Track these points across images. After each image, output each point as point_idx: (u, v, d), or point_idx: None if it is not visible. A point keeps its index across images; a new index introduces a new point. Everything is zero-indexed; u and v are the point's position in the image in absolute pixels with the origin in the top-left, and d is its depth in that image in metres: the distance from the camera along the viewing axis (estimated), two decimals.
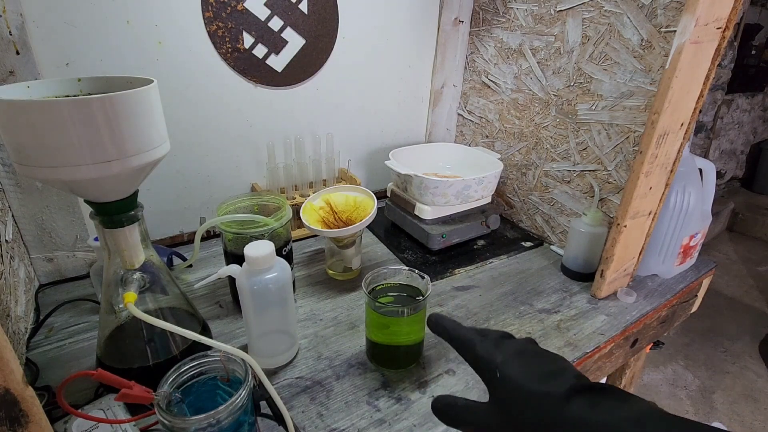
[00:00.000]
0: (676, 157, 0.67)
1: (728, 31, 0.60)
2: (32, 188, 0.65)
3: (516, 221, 1.00)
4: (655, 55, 0.67)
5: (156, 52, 0.72)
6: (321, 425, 0.49)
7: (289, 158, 0.90)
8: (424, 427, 0.50)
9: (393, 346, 0.57)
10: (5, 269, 0.57)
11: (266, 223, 0.63)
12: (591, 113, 0.78)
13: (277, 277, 0.52)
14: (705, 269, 0.85)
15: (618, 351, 0.70)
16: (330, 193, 0.81)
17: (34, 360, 0.57)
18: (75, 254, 0.73)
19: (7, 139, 0.37)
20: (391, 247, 0.88)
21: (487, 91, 1.00)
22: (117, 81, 0.46)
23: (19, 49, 0.59)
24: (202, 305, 0.69)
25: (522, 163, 0.94)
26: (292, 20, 0.82)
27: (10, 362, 0.27)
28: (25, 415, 0.29)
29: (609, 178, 0.77)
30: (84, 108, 0.37)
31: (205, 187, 0.86)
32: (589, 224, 0.75)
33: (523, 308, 0.71)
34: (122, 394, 0.37)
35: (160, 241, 0.84)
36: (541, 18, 0.83)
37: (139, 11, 0.68)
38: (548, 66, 0.84)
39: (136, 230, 0.47)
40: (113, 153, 0.39)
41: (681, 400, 1.71)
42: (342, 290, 0.74)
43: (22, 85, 0.42)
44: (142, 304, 0.50)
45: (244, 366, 0.42)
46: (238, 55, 0.79)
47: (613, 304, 0.73)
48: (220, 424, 0.37)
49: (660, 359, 1.92)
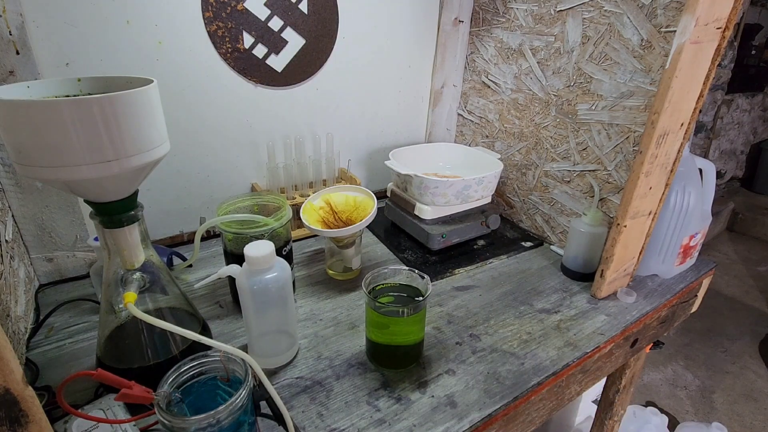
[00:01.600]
0: (676, 157, 0.67)
1: (728, 31, 0.60)
2: (32, 188, 0.65)
3: (516, 221, 1.00)
4: (655, 55, 0.67)
5: (156, 52, 0.72)
6: (321, 425, 0.49)
7: (289, 158, 0.90)
8: (424, 427, 0.50)
9: (393, 346, 0.57)
10: (5, 269, 0.57)
11: (266, 223, 0.63)
12: (591, 113, 0.78)
13: (277, 277, 0.52)
14: (705, 269, 0.85)
15: (618, 351, 0.70)
16: (330, 193, 0.81)
17: (34, 360, 0.57)
18: (75, 254, 0.73)
19: (7, 139, 0.37)
20: (391, 247, 0.88)
21: (487, 91, 1.00)
22: (117, 81, 0.46)
23: (19, 49, 0.59)
24: (202, 305, 0.69)
25: (522, 163, 0.94)
26: (292, 20, 0.82)
27: (10, 362, 0.27)
28: (25, 415, 0.29)
29: (609, 178, 0.77)
30: (84, 108, 0.37)
31: (205, 187, 0.86)
32: (589, 224, 0.75)
33: (523, 308, 0.71)
34: (122, 394, 0.37)
35: (160, 241, 0.84)
36: (541, 18, 0.83)
37: (139, 11, 0.68)
38: (548, 66, 0.84)
39: (136, 230, 0.47)
40: (113, 153, 0.39)
41: (681, 400, 1.71)
42: (342, 290, 0.74)
43: (22, 85, 0.42)
44: (142, 304, 0.50)
45: (244, 366, 0.42)
46: (238, 55, 0.79)
47: (613, 304, 0.73)
48: (220, 424, 0.37)
49: (660, 359, 1.92)
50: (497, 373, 0.58)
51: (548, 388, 0.59)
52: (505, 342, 0.63)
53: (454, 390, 0.55)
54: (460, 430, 0.50)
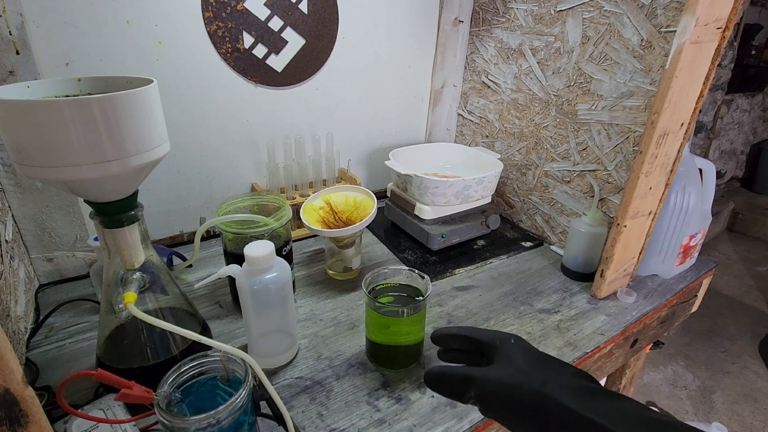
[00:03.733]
0: (676, 157, 0.67)
1: (728, 31, 0.60)
2: (32, 188, 0.65)
3: (516, 221, 1.00)
4: (655, 55, 0.67)
5: (156, 52, 0.72)
6: (321, 425, 0.49)
7: (289, 158, 0.90)
8: (424, 427, 0.50)
9: (393, 346, 0.57)
10: (5, 269, 0.57)
11: (266, 223, 0.63)
12: (591, 113, 0.78)
13: (277, 277, 0.52)
14: (705, 269, 0.85)
15: (618, 351, 0.70)
16: (330, 193, 0.81)
17: (34, 360, 0.57)
18: (75, 254, 0.73)
19: (7, 139, 0.37)
20: (391, 247, 0.88)
21: (487, 91, 1.00)
22: (117, 81, 0.46)
23: (19, 49, 0.59)
24: (202, 305, 0.69)
25: (522, 163, 0.94)
26: (292, 20, 0.82)
27: (10, 362, 0.27)
28: (25, 415, 0.29)
29: (609, 178, 0.77)
30: (84, 108, 0.37)
31: (205, 187, 0.86)
32: (589, 224, 0.75)
33: (523, 308, 0.71)
34: (122, 394, 0.37)
35: (160, 241, 0.84)
36: (541, 18, 0.83)
37: (138, 11, 0.68)
38: (548, 66, 0.84)
39: (136, 230, 0.47)
40: (113, 153, 0.39)
41: (681, 400, 1.71)
42: (342, 290, 0.74)
43: (22, 85, 0.42)
44: (142, 304, 0.50)
45: (244, 366, 0.42)
46: (238, 55, 0.79)
47: (613, 304, 0.73)
48: (220, 424, 0.37)
49: (660, 359, 1.92)
50: None
51: None
52: None
53: None
54: (460, 430, 0.50)
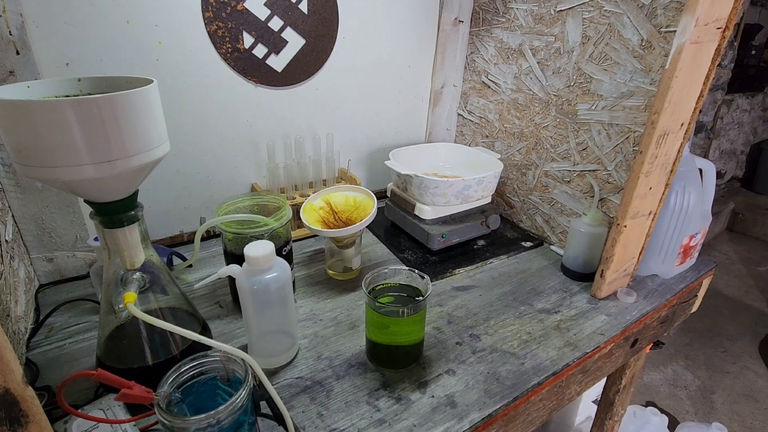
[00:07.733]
0: (676, 157, 0.67)
1: (728, 31, 0.60)
2: (32, 188, 0.65)
3: (516, 221, 1.00)
4: (655, 55, 0.67)
5: (156, 52, 0.72)
6: (321, 425, 0.49)
7: (289, 158, 0.90)
8: (424, 427, 0.50)
9: (393, 346, 0.57)
10: (5, 269, 0.57)
11: (266, 223, 0.63)
12: (591, 113, 0.78)
13: (277, 277, 0.52)
14: (705, 269, 0.85)
15: (618, 351, 0.70)
16: (330, 193, 0.81)
17: (34, 360, 0.57)
18: (75, 254, 0.73)
19: (7, 139, 0.37)
20: (391, 247, 0.88)
21: (487, 91, 1.00)
22: (117, 81, 0.46)
23: (19, 49, 0.59)
24: (202, 305, 0.69)
25: (522, 163, 0.94)
26: (292, 20, 0.82)
27: (10, 362, 0.27)
28: (25, 415, 0.29)
29: (609, 178, 0.77)
30: (84, 108, 0.37)
31: (205, 187, 0.86)
32: (589, 224, 0.75)
33: (523, 308, 0.71)
34: (122, 394, 0.37)
35: (160, 241, 0.84)
36: (541, 18, 0.83)
37: (138, 11, 0.68)
38: (548, 66, 0.84)
39: (136, 230, 0.47)
40: (113, 153, 0.39)
41: (681, 400, 1.71)
42: (342, 290, 0.74)
43: (22, 85, 0.42)
44: (142, 304, 0.50)
45: (244, 366, 0.42)
46: (238, 55, 0.79)
47: (613, 304, 0.73)
48: (220, 424, 0.37)
49: (660, 359, 1.92)
50: (497, 373, 0.58)
51: (548, 388, 0.59)
52: (505, 342, 0.63)
53: (454, 390, 0.55)
54: (460, 430, 0.50)
